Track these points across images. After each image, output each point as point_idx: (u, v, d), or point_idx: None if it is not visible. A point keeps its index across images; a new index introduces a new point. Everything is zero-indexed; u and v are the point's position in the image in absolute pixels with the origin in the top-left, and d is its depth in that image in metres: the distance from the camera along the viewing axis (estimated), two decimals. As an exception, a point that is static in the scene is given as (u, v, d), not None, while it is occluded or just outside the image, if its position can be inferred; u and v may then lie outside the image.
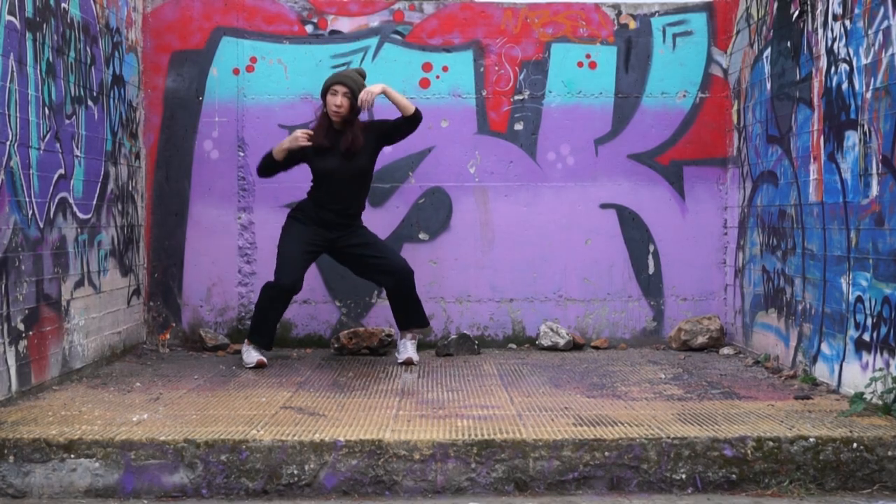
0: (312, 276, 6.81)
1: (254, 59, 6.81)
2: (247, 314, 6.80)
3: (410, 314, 6.16)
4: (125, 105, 6.36)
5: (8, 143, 4.63)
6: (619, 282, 6.91)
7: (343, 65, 6.79)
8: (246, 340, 6.07)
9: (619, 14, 6.89)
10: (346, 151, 5.94)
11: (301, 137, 5.91)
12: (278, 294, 5.99)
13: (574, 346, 6.74)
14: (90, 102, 5.73)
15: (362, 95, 5.87)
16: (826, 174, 5.16)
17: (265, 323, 6.03)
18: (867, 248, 4.68)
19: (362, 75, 6.10)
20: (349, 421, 4.39)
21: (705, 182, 6.92)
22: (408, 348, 6.12)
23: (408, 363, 6.05)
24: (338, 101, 5.90)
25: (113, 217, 6.11)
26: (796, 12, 5.57)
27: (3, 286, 4.57)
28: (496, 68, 6.87)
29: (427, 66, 6.83)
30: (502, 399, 4.94)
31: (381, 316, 6.81)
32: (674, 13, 6.90)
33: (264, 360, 5.95)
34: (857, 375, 4.76)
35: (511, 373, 5.79)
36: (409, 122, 6.03)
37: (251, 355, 5.96)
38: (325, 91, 5.97)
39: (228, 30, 6.82)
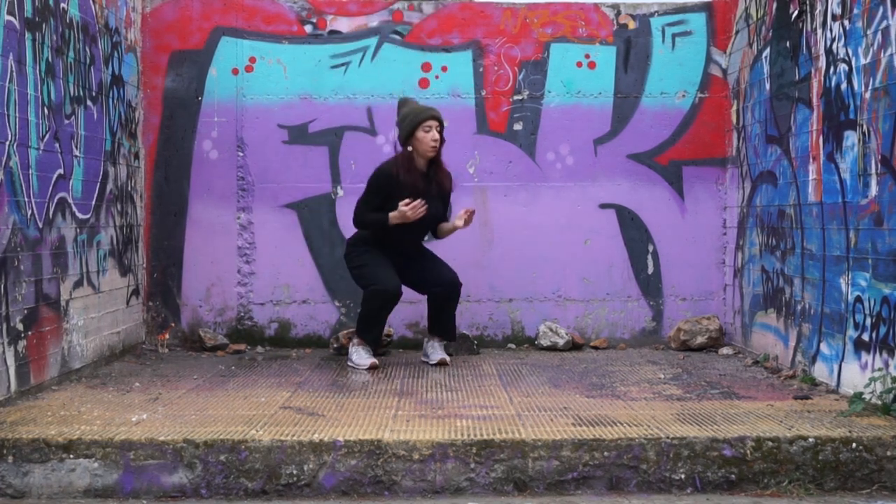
0: (312, 276, 6.82)
1: (253, 59, 6.80)
2: (246, 314, 6.80)
3: (444, 323, 6.15)
4: (124, 105, 6.35)
5: (7, 143, 4.63)
6: (619, 282, 6.91)
7: (342, 65, 6.79)
8: (355, 339, 6.00)
9: (618, 14, 6.89)
10: (436, 194, 5.98)
11: (417, 207, 5.82)
12: (390, 298, 5.89)
13: (573, 346, 6.74)
14: (89, 102, 5.72)
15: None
16: (825, 174, 5.16)
17: (377, 323, 5.97)
18: (866, 248, 4.68)
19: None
20: (348, 421, 4.38)
21: (704, 182, 6.91)
22: (437, 350, 6.10)
23: (442, 364, 6.02)
24: (435, 135, 5.91)
25: (112, 217, 6.11)
26: (795, 12, 5.57)
27: (2, 286, 4.57)
28: (495, 68, 6.86)
29: (426, 66, 6.83)
30: (501, 399, 4.94)
31: (380, 316, 6.81)
32: (673, 13, 6.90)
33: (377, 362, 5.91)
34: (857, 375, 4.76)
35: (510, 373, 5.79)
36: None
37: (362, 356, 5.92)
38: (415, 127, 5.88)
39: (227, 30, 6.81)
